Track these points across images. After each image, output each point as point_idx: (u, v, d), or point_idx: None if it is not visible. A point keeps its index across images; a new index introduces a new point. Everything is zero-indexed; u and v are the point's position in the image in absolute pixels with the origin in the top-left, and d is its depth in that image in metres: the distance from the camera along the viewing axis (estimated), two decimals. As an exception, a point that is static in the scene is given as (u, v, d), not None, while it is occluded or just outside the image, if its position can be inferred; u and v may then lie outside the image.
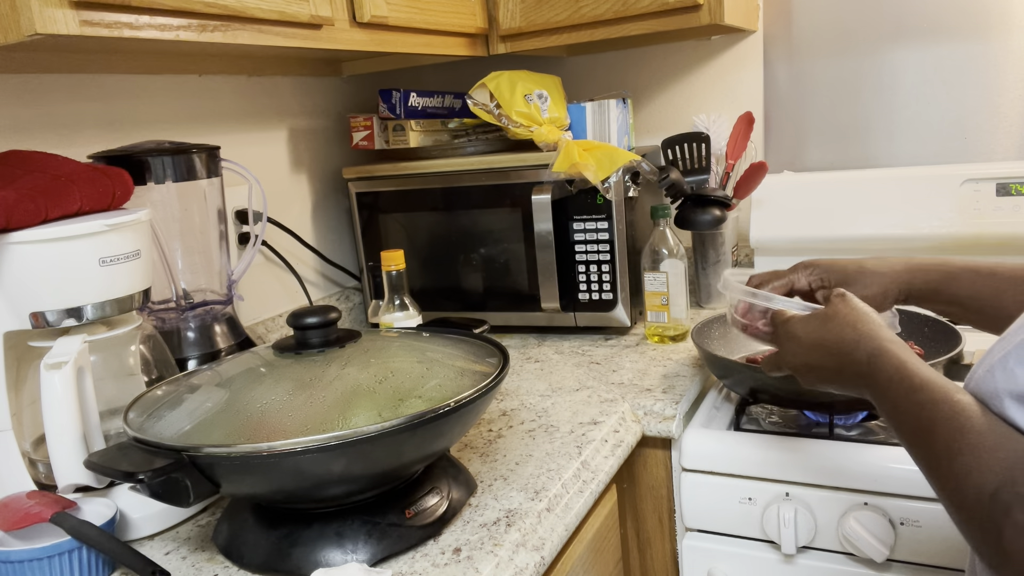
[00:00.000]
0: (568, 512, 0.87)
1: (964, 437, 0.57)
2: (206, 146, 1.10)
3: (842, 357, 0.72)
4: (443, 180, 1.43)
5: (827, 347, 0.74)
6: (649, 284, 1.35)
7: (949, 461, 0.57)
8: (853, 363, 0.71)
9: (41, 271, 0.80)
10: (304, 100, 1.57)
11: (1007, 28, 1.39)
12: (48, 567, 0.74)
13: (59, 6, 0.75)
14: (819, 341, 0.75)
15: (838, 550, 0.98)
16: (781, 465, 0.98)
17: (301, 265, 1.55)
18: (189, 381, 0.86)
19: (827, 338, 0.74)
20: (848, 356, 0.72)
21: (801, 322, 0.79)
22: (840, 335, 0.73)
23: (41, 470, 0.86)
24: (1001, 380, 0.57)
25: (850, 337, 0.72)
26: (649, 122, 1.69)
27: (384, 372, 0.81)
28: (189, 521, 0.89)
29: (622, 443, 1.03)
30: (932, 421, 0.60)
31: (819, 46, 1.52)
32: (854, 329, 0.72)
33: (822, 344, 0.75)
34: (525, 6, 1.38)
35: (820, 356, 0.75)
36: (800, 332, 0.78)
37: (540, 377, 1.25)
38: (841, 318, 0.74)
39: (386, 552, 0.76)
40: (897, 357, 0.67)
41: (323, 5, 1.06)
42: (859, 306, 0.75)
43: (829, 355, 0.74)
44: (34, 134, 1.08)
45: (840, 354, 0.73)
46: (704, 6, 1.27)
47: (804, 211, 1.46)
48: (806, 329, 0.77)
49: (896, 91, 1.49)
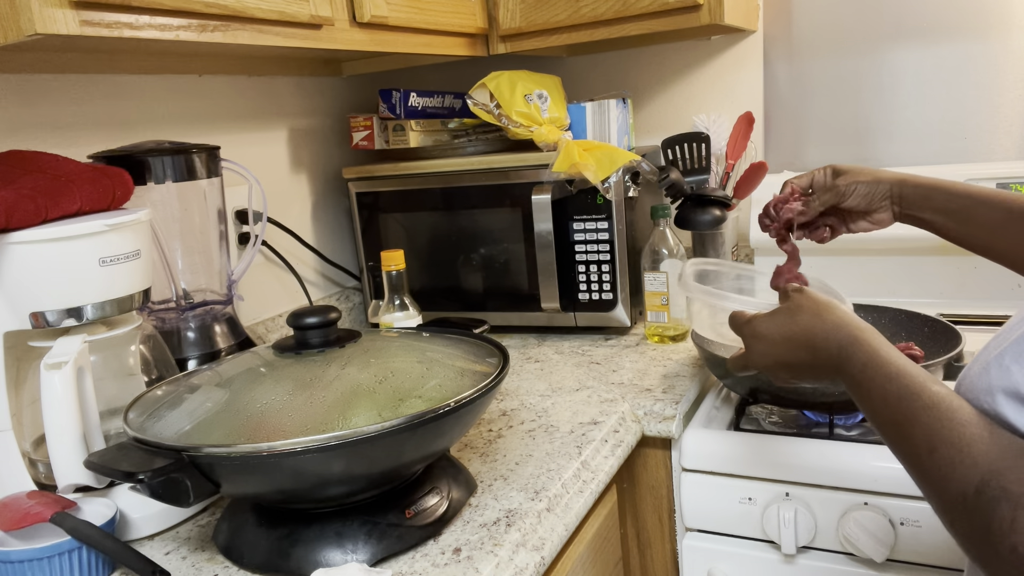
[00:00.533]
0: (568, 512, 0.87)
1: (945, 428, 0.56)
2: (206, 146, 1.10)
3: (813, 350, 0.71)
4: (443, 180, 1.43)
5: (796, 341, 0.72)
6: (649, 284, 1.35)
7: (930, 453, 0.56)
8: (825, 354, 0.69)
9: (41, 271, 0.80)
10: (304, 100, 1.57)
11: (1007, 28, 1.39)
12: (48, 567, 0.74)
13: (59, 6, 0.75)
14: (787, 336, 0.73)
15: (838, 550, 0.98)
16: (781, 465, 0.98)
17: (301, 265, 1.55)
18: (189, 381, 0.86)
19: (795, 331, 0.73)
20: (819, 347, 0.70)
21: (765, 319, 0.77)
22: (808, 327, 0.71)
23: (41, 470, 0.86)
24: (996, 376, 0.56)
25: (819, 328, 0.70)
26: (649, 122, 1.69)
27: (384, 372, 0.81)
28: (189, 521, 0.89)
29: (622, 443, 1.03)
30: (911, 411, 0.59)
31: (819, 46, 1.52)
32: (821, 319, 0.71)
33: (791, 338, 0.73)
34: (525, 6, 1.38)
35: (790, 351, 0.73)
36: (766, 330, 0.76)
37: (540, 377, 1.25)
38: (806, 310, 0.73)
39: (386, 552, 0.76)
40: (869, 345, 0.66)
41: (323, 5, 1.06)
42: (819, 297, 0.74)
43: (799, 348, 0.72)
44: (34, 134, 1.08)
45: (811, 347, 0.71)
46: (704, 6, 1.27)
47: (804, 211, 1.45)
48: (772, 325, 0.76)
49: (896, 91, 1.49)
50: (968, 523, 0.53)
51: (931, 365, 0.97)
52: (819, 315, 0.71)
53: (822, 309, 0.72)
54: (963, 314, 1.33)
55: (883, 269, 1.43)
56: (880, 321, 1.19)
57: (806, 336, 0.72)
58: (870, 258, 1.43)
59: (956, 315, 1.30)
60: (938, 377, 0.99)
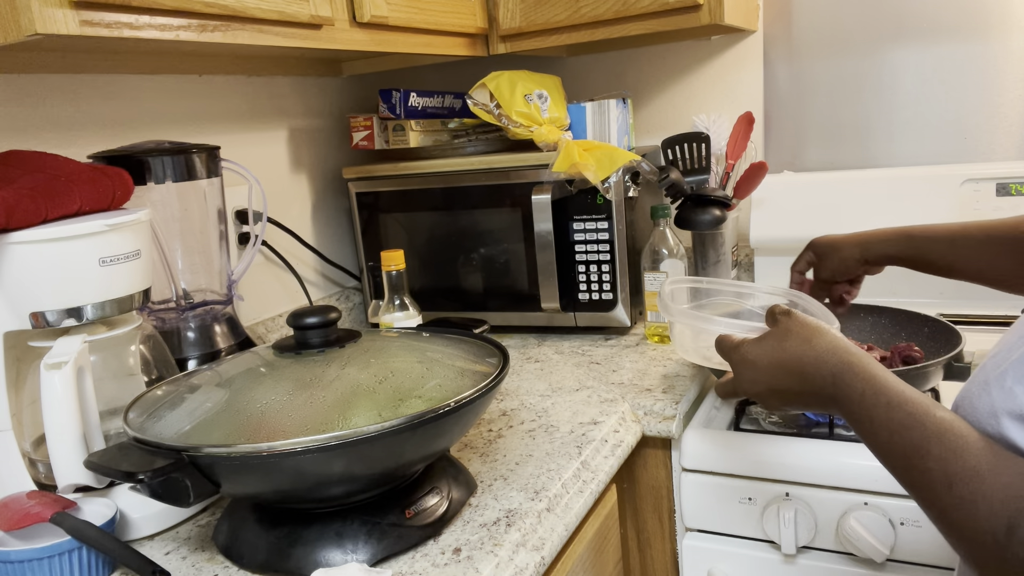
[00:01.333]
0: (568, 512, 0.87)
1: (960, 459, 0.53)
2: (206, 146, 1.10)
3: (803, 377, 0.68)
4: (443, 180, 1.43)
5: (787, 367, 0.70)
6: (649, 284, 1.35)
7: (948, 488, 0.54)
8: (817, 383, 0.67)
9: (41, 271, 0.80)
10: (304, 100, 1.57)
11: (1007, 28, 1.39)
12: (48, 567, 0.74)
13: (59, 6, 0.75)
14: (777, 362, 0.71)
15: (838, 550, 0.98)
16: (781, 465, 0.98)
17: (301, 265, 1.55)
18: (189, 381, 0.86)
19: (785, 358, 0.70)
20: (810, 376, 0.67)
21: (754, 345, 0.74)
22: (799, 354, 0.69)
23: (41, 470, 0.86)
24: (999, 399, 0.54)
25: (809, 356, 0.68)
26: (649, 122, 1.69)
27: (384, 372, 0.81)
28: (189, 521, 0.89)
29: (622, 443, 1.03)
30: (920, 442, 0.56)
31: (819, 46, 1.52)
32: (811, 346, 0.68)
33: (781, 365, 0.70)
34: (525, 6, 1.38)
35: (780, 378, 0.71)
36: (755, 355, 0.73)
37: (540, 377, 1.25)
38: (795, 335, 0.70)
39: (386, 552, 0.77)
40: (865, 371, 0.63)
41: (323, 5, 1.06)
42: (808, 320, 0.72)
43: (790, 375, 0.70)
44: (34, 134, 1.08)
45: (801, 375, 0.68)
46: (704, 6, 1.27)
47: (804, 211, 1.46)
48: (761, 351, 0.73)
49: (896, 91, 1.49)
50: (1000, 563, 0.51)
51: (931, 365, 0.97)
52: (809, 341, 0.69)
53: (812, 334, 0.69)
54: (963, 314, 1.33)
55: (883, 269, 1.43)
56: (880, 321, 1.19)
57: (796, 363, 0.69)
58: (870, 258, 1.43)
59: (956, 315, 1.30)
60: (939, 376, 0.99)
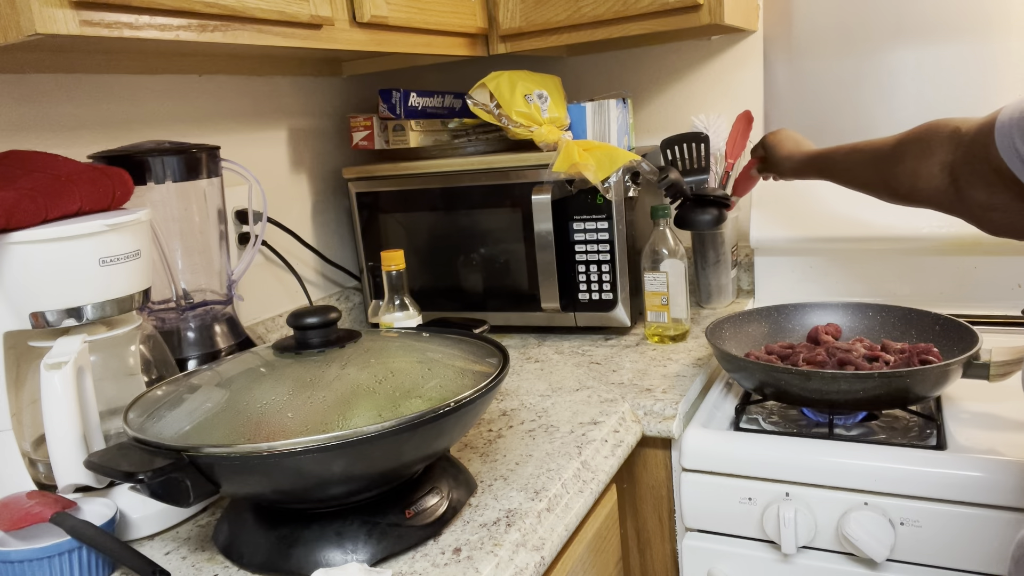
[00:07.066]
0: (568, 512, 0.87)
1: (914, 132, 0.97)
2: (206, 146, 1.10)
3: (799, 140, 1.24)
4: (443, 180, 1.43)
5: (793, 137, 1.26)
6: (649, 284, 1.35)
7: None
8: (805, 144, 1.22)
9: (41, 271, 0.80)
10: (304, 100, 1.57)
11: (1007, 28, 1.39)
12: (48, 567, 0.74)
13: (59, 6, 0.75)
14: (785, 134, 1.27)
15: (838, 550, 0.98)
16: (781, 465, 0.98)
17: (301, 265, 1.55)
18: (189, 381, 0.86)
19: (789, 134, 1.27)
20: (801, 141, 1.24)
21: (771, 134, 1.29)
22: (791, 134, 1.26)
23: (41, 470, 0.86)
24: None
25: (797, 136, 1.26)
26: (649, 122, 1.69)
27: (384, 372, 0.81)
28: (189, 521, 0.89)
29: (622, 443, 1.03)
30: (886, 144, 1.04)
31: (819, 46, 1.52)
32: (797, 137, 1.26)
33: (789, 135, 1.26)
34: (525, 6, 1.38)
35: (790, 137, 1.25)
36: (772, 136, 1.28)
37: (540, 377, 1.25)
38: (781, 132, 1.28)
39: (386, 552, 0.77)
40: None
41: (323, 5, 1.06)
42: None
43: (790, 138, 1.25)
44: (34, 134, 1.08)
45: (796, 139, 1.25)
46: (704, 6, 1.27)
47: (804, 211, 1.46)
48: (776, 136, 1.28)
49: (896, 91, 1.49)
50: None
51: (951, 364, 0.96)
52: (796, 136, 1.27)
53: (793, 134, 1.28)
54: (962, 314, 1.33)
55: (883, 269, 1.43)
56: (889, 320, 1.19)
57: (791, 136, 1.26)
58: (870, 258, 1.43)
59: (955, 315, 1.29)
60: (958, 374, 0.99)
